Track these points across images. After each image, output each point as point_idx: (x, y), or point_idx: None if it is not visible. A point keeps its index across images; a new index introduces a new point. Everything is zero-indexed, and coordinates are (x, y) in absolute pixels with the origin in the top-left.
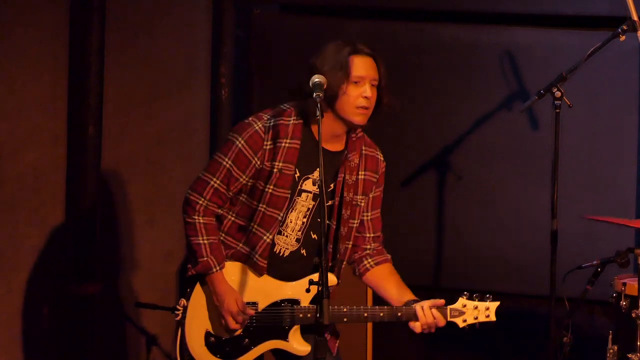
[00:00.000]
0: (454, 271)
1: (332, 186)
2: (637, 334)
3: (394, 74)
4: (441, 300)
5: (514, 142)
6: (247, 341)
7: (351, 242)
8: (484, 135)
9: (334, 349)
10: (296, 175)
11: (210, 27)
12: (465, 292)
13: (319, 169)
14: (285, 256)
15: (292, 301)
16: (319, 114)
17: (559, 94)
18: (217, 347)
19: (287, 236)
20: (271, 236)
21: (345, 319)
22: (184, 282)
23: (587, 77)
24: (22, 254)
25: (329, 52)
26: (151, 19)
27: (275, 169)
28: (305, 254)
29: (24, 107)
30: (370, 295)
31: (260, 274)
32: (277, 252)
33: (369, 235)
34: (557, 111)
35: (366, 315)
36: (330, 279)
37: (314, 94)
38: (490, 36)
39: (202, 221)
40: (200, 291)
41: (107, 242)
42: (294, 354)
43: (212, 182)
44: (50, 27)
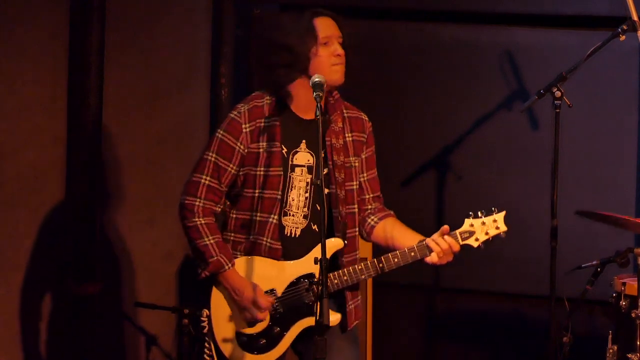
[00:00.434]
0: (453, 271)
1: (322, 153)
2: (637, 333)
3: (394, 74)
4: (446, 226)
5: (514, 142)
6: (278, 329)
7: (356, 207)
8: (484, 135)
9: (357, 317)
10: (283, 151)
11: (210, 27)
12: (470, 212)
13: (304, 141)
14: (297, 236)
15: (308, 276)
16: (319, 114)
17: (559, 94)
18: (252, 344)
19: (293, 215)
20: (276, 217)
21: (363, 276)
22: (192, 283)
23: (587, 77)
24: (22, 254)
25: (288, 22)
26: (151, 19)
27: (261, 150)
28: (316, 229)
29: (24, 107)
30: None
31: (276, 258)
32: (289, 234)
33: (368, 196)
34: (557, 111)
35: (381, 265)
36: (335, 243)
37: (314, 94)
38: (490, 36)
39: (204, 222)
40: (218, 295)
41: (107, 242)
42: (327, 325)
43: (203, 180)
44: (50, 27)
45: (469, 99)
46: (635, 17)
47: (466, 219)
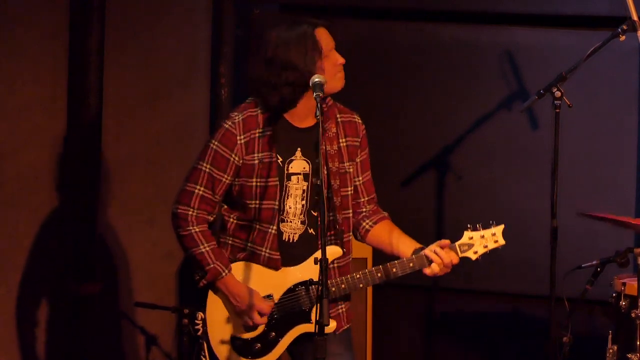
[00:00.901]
0: (453, 271)
1: (309, 164)
2: (637, 333)
3: (394, 74)
4: (446, 240)
5: (513, 142)
6: (274, 334)
7: (350, 211)
8: (484, 135)
9: (348, 320)
10: (279, 160)
11: (210, 27)
12: (468, 225)
13: (300, 149)
14: (295, 241)
15: (304, 283)
16: (319, 114)
17: (558, 94)
18: (246, 348)
19: (290, 222)
20: (275, 227)
21: (361, 285)
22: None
23: (587, 77)
24: (22, 254)
25: (289, 38)
26: (151, 19)
27: (256, 161)
28: (313, 232)
29: (24, 107)
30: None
31: (276, 268)
32: (287, 240)
33: (363, 199)
34: (557, 111)
35: (380, 275)
36: (334, 251)
37: (314, 94)
38: (490, 36)
39: (198, 229)
40: (214, 299)
41: (107, 242)
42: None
43: (197, 191)
44: (50, 27)
45: (469, 99)
46: (635, 17)
47: (465, 232)
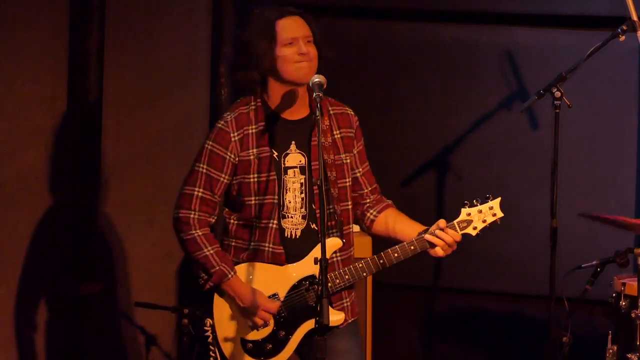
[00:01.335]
0: (453, 271)
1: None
2: (637, 334)
3: (394, 74)
4: (443, 220)
5: (513, 142)
6: (283, 333)
7: (350, 203)
8: (483, 135)
9: (354, 314)
10: (274, 155)
11: (210, 27)
12: (465, 201)
13: (294, 142)
14: (298, 237)
15: (309, 277)
16: (318, 114)
17: (558, 94)
18: (258, 350)
19: (292, 217)
20: (275, 221)
21: (364, 273)
22: (186, 286)
23: (586, 77)
24: (22, 254)
25: (255, 23)
26: (151, 19)
27: (251, 157)
28: (316, 227)
29: (24, 107)
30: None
31: (280, 263)
32: (289, 236)
33: (365, 190)
34: (557, 111)
35: (382, 261)
36: (334, 242)
37: (314, 94)
38: (490, 36)
39: (201, 233)
40: (220, 303)
41: (107, 242)
42: (333, 326)
43: (196, 193)
44: (50, 27)
45: (469, 99)
46: (635, 17)
47: (462, 209)
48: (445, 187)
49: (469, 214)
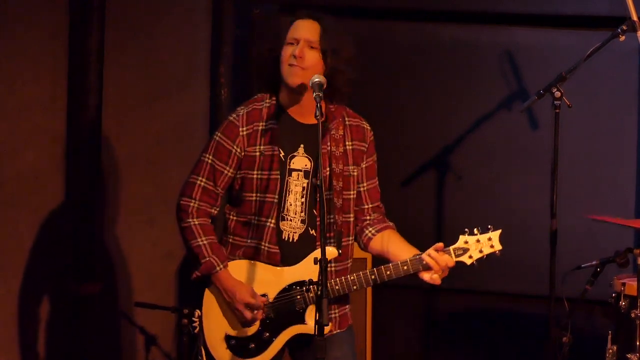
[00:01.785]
0: (453, 271)
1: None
2: (637, 334)
3: (394, 74)
4: (440, 243)
5: (513, 142)
6: (268, 334)
7: (352, 216)
8: (483, 135)
9: (350, 320)
10: (281, 155)
11: (209, 27)
12: (465, 229)
13: (302, 146)
14: (295, 241)
15: (301, 283)
16: (318, 114)
17: (558, 94)
18: (240, 347)
19: (291, 220)
20: (273, 221)
21: (355, 287)
22: (190, 284)
23: (586, 77)
24: (22, 254)
25: (278, 22)
26: (151, 19)
27: (257, 153)
28: (314, 234)
29: (24, 107)
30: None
31: (275, 263)
32: (286, 239)
33: (367, 206)
34: (557, 111)
35: (373, 277)
36: (329, 252)
37: (314, 94)
38: (490, 36)
39: (197, 222)
40: (210, 297)
41: (107, 242)
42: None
43: (199, 182)
44: (50, 27)
45: (469, 99)
46: (635, 17)
47: (461, 236)
48: (445, 187)
49: (466, 242)
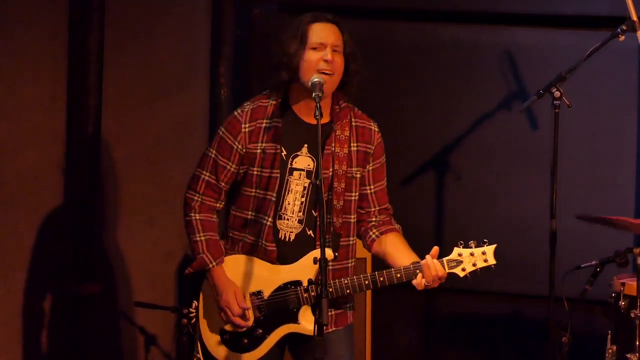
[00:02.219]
0: None
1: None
2: (636, 334)
3: (394, 74)
4: (436, 247)
5: (513, 142)
6: (261, 331)
7: (353, 216)
8: (483, 135)
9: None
10: (283, 154)
11: (209, 26)
12: (460, 242)
13: (306, 145)
14: (291, 240)
15: (295, 283)
16: (318, 114)
17: (558, 94)
18: (234, 342)
19: (288, 219)
20: (270, 219)
21: (348, 291)
22: (188, 284)
23: (586, 77)
24: (22, 254)
25: (292, 25)
26: (151, 19)
27: (258, 150)
28: (312, 234)
29: (24, 107)
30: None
31: (271, 261)
32: (283, 238)
33: (373, 208)
34: (557, 111)
35: (367, 282)
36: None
37: (314, 94)
38: (490, 36)
39: (199, 217)
40: (208, 290)
41: (107, 242)
42: (307, 334)
43: (203, 176)
44: (49, 27)
45: (469, 99)
46: (634, 17)
47: (455, 248)
48: (445, 187)
49: (460, 254)
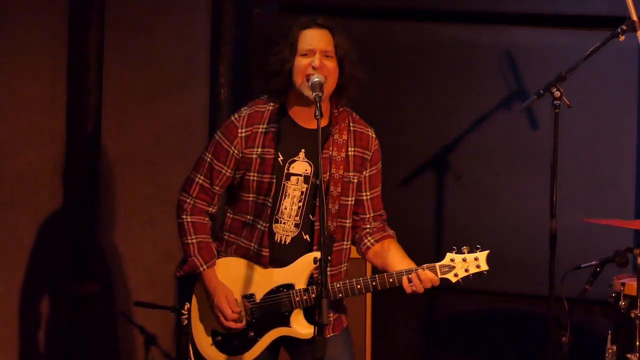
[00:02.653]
0: None
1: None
2: (636, 333)
3: (394, 74)
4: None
5: (513, 142)
6: (252, 334)
7: (348, 221)
8: (483, 135)
9: (344, 323)
10: (279, 159)
11: (209, 26)
12: (453, 247)
13: (303, 151)
14: (287, 243)
15: (288, 286)
16: (317, 114)
17: (558, 94)
18: (225, 344)
19: (284, 223)
20: (266, 224)
21: (340, 295)
22: (184, 285)
23: (586, 77)
24: (22, 254)
25: (288, 32)
26: (151, 19)
27: (254, 155)
28: (308, 239)
29: (24, 107)
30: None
31: (264, 265)
32: (278, 241)
33: (368, 215)
34: (557, 111)
35: (359, 287)
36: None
37: (314, 94)
38: (490, 36)
39: (190, 220)
40: (200, 292)
41: (107, 241)
42: (300, 338)
43: (197, 179)
44: (49, 26)
45: (469, 99)
46: (634, 17)
47: (448, 253)
48: (444, 187)
49: (452, 260)
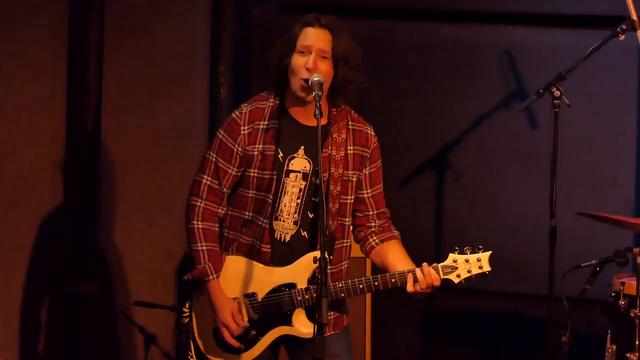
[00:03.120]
0: None
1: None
2: (636, 333)
3: (394, 74)
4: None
5: (513, 142)
6: (254, 333)
7: (348, 219)
8: (483, 134)
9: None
10: (279, 155)
11: (209, 26)
12: (456, 247)
13: (303, 147)
14: (287, 241)
15: (290, 285)
16: (317, 113)
17: (558, 94)
18: (227, 343)
19: (284, 221)
20: (266, 220)
21: (342, 295)
22: (184, 284)
23: (586, 77)
24: (22, 254)
25: (292, 27)
26: (151, 19)
27: (256, 152)
28: (306, 235)
29: (24, 106)
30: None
31: (265, 262)
32: (278, 238)
33: (372, 212)
34: (556, 110)
35: (361, 287)
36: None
37: (314, 93)
38: (490, 36)
39: (201, 226)
40: (201, 291)
41: (107, 241)
42: (301, 337)
43: (204, 180)
44: (49, 26)
45: (469, 98)
46: (634, 17)
47: (450, 254)
48: (444, 186)
49: (455, 261)
